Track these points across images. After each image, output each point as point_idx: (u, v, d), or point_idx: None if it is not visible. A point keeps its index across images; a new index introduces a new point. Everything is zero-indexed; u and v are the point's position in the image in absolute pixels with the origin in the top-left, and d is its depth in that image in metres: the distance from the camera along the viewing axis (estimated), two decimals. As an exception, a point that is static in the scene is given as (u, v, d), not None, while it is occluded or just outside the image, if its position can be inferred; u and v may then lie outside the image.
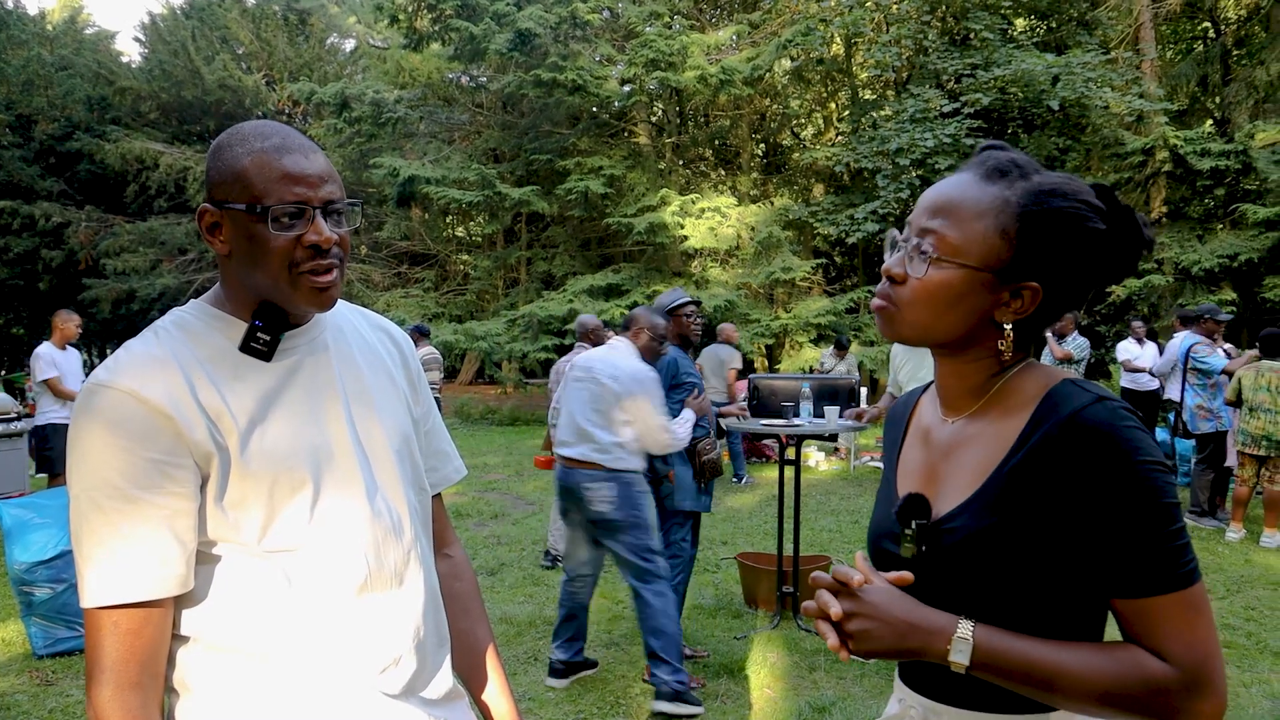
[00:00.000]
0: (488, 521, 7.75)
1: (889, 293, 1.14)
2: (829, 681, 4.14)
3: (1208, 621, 0.99)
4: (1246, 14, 17.41)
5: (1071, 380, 1.08)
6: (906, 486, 1.21)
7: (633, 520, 3.90)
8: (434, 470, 1.43)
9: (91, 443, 1.06)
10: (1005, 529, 1.04)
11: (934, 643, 1.02)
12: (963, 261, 1.08)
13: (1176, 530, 0.98)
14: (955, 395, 1.18)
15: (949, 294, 1.09)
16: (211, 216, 1.15)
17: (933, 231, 1.10)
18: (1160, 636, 0.98)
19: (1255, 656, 4.46)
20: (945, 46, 14.65)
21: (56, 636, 4.44)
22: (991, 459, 1.09)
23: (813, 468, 10.63)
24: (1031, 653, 1.00)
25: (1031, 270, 1.08)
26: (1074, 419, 1.01)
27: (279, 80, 23.45)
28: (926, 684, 1.16)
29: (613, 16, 17.57)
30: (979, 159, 1.14)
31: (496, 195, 16.13)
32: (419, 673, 1.24)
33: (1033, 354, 1.17)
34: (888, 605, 1.04)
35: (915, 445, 1.25)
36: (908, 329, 1.13)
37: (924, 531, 1.11)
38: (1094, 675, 0.98)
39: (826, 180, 17.88)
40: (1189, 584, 0.98)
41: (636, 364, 3.99)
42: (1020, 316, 1.10)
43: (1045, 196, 1.07)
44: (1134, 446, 0.98)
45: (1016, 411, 1.10)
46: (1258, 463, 6.70)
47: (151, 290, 20.27)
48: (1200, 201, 14.03)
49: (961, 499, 1.11)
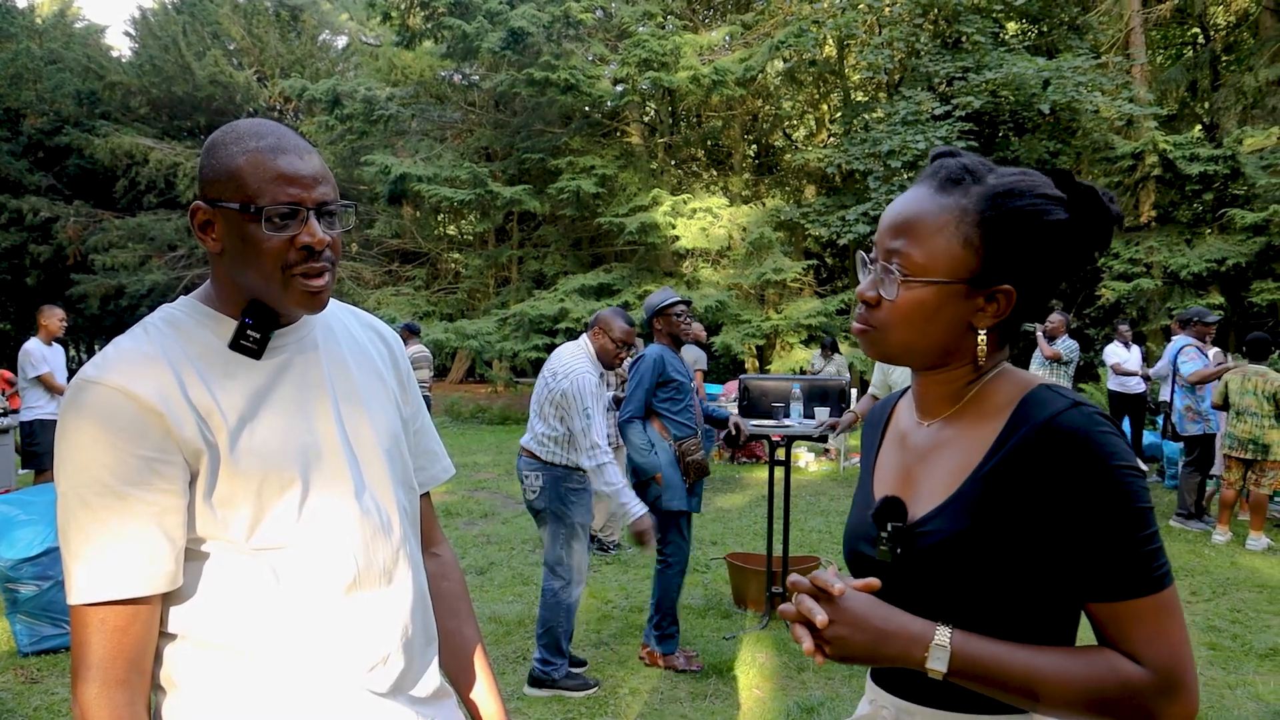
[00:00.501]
0: (477, 520, 7.74)
1: (867, 316, 1.15)
2: (817, 682, 4.15)
3: (1180, 624, 1.00)
4: (1236, 20, 17.52)
5: (1047, 385, 1.09)
6: (883, 490, 1.21)
7: (555, 512, 4.02)
8: (422, 469, 1.43)
9: (80, 439, 1.05)
10: (980, 533, 1.05)
11: (911, 650, 1.03)
12: (932, 278, 1.09)
13: (1150, 535, 0.99)
14: (932, 400, 1.19)
15: (925, 311, 1.10)
16: (204, 214, 1.15)
17: (898, 252, 1.10)
18: (1134, 640, 0.99)
19: (1240, 659, 4.49)
20: (937, 49, 14.69)
21: (41, 634, 4.42)
22: (967, 463, 1.10)
23: (803, 468, 10.65)
24: (1007, 658, 1.01)
25: (1002, 273, 1.09)
26: (1049, 424, 1.02)
27: (270, 77, 23.35)
28: (898, 684, 1.16)
29: (606, 16, 17.57)
30: (932, 170, 1.15)
31: (488, 194, 16.10)
32: (407, 671, 1.24)
33: (1018, 351, 1.18)
34: (865, 613, 1.05)
35: (892, 449, 1.26)
36: (891, 349, 1.14)
37: (899, 534, 1.12)
38: (1069, 679, 0.99)
39: (818, 181, 17.92)
40: (1161, 588, 0.99)
41: (582, 365, 4.03)
42: (998, 320, 1.11)
43: (1002, 199, 1.08)
44: (1109, 452, 0.99)
45: (992, 416, 1.10)
46: (1244, 466, 6.75)
47: (140, 286, 20.16)
48: (1189, 206, 14.10)
49: (937, 503, 1.11)
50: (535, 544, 6.83)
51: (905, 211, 1.12)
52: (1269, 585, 5.73)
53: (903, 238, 1.11)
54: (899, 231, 1.11)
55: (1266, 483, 6.63)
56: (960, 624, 1.05)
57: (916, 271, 1.09)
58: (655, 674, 4.27)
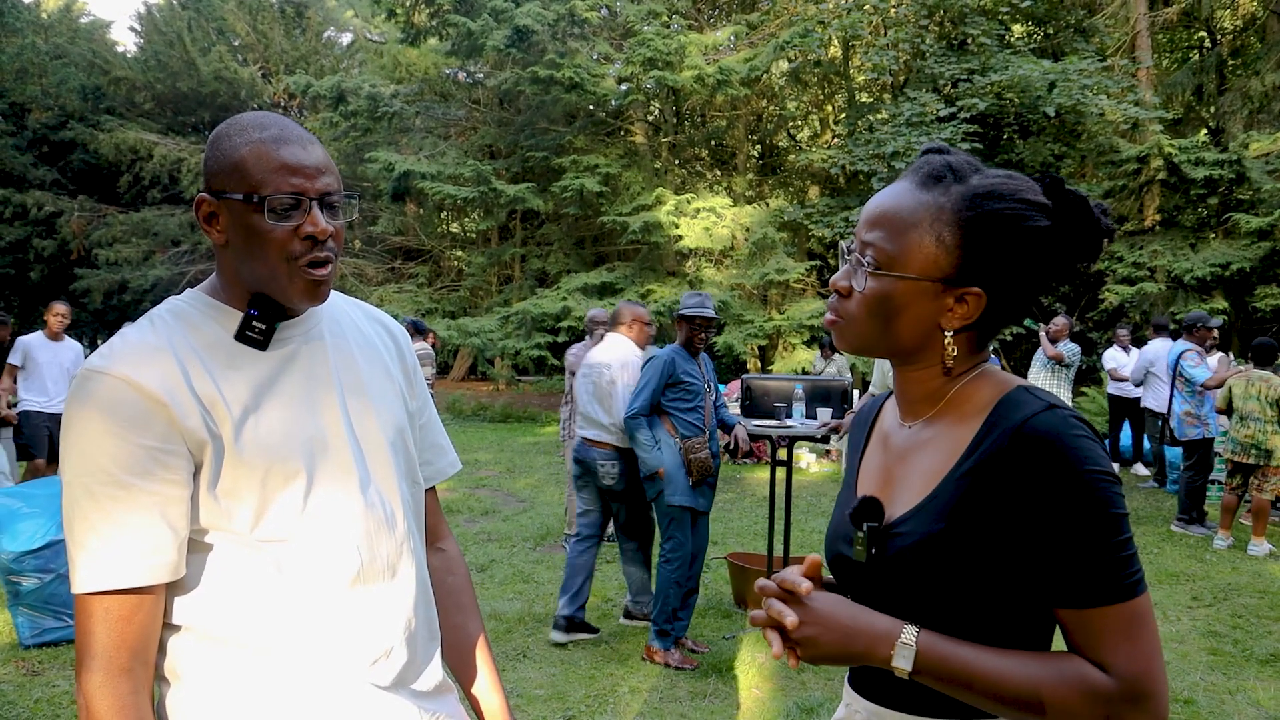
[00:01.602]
0: (478, 518, 7.74)
1: (837, 306, 1.15)
2: (817, 682, 4.15)
3: (1151, 634, 0.98)
4: (1243, 25, 17.48)
5: (1025, 387, 1.08)
6: (864, 490, 1.21)
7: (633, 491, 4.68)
8: (428, 464, 1.43)
9: (85, 429, 1.06)
10: (953, 535, 1.04)
11: (877, 648, 1.02)
12: (901, 273, 1.08)
13: (1121, 541, 0.98)
14: (912, 400, 1.18)
15: (890, 305, 1.09)
16: (209, 206, 1.16)
17: (871, 244, 1.10)
18: (1102, 648, 0.98)
19: (1241, 664, 4.48)
20: (942, 51, 14.66)
21: (43, 626, 4.42)
22: (943, 465, 1.09)
23: (804, 469, 10.65)
24: (973, 660, 1.00)
25: (974, 275, 1.08)
26: (1023, 427, 1.01)
27: (275, 73, 23.36)
28: (873, 689, 1.16)
29: (611, 15, 17.55)
30: (916, 165, 1.14)
31: (492, 192, 16.10)
32: (409, 665, 1.24)
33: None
34: (832, 611, 1.04)
35: (876, 449, 1.25)
36: (857, 340, 1.14)
37: (875, 535, 1.11)
38: (1035, 684, 0.98)
39: (822, 182, 17.88)
40: (1132, 595, 0.97)
41: (627, 351, 4.81)
42: (966, 322, 1.10)
43: (981, 200, 1.07)
44: (1082, 456, 0.98)
45: (970, 418, 1.09)
46: (1246, 471, 6.74)
47: (144, 281, 20.18)
48: (1194, 210, 14.06)
49: (913, 504, 1.10)
50: (536, 541, 6.83)
51: (883, 204, 1.11)
52: (1270, 591, 5.72)
53: (878, 230, 1.10)
54: (875, 223, 1.11)
55: (1269, 488, 6.61)
56: (933, 626, 1.04)
57: (887, 265, 1.08)
58: (655, 672, 4.27)
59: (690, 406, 4.43)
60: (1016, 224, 1.06)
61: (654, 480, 4.37)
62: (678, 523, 4.39)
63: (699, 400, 4.47)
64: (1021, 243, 1.06)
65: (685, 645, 4.54)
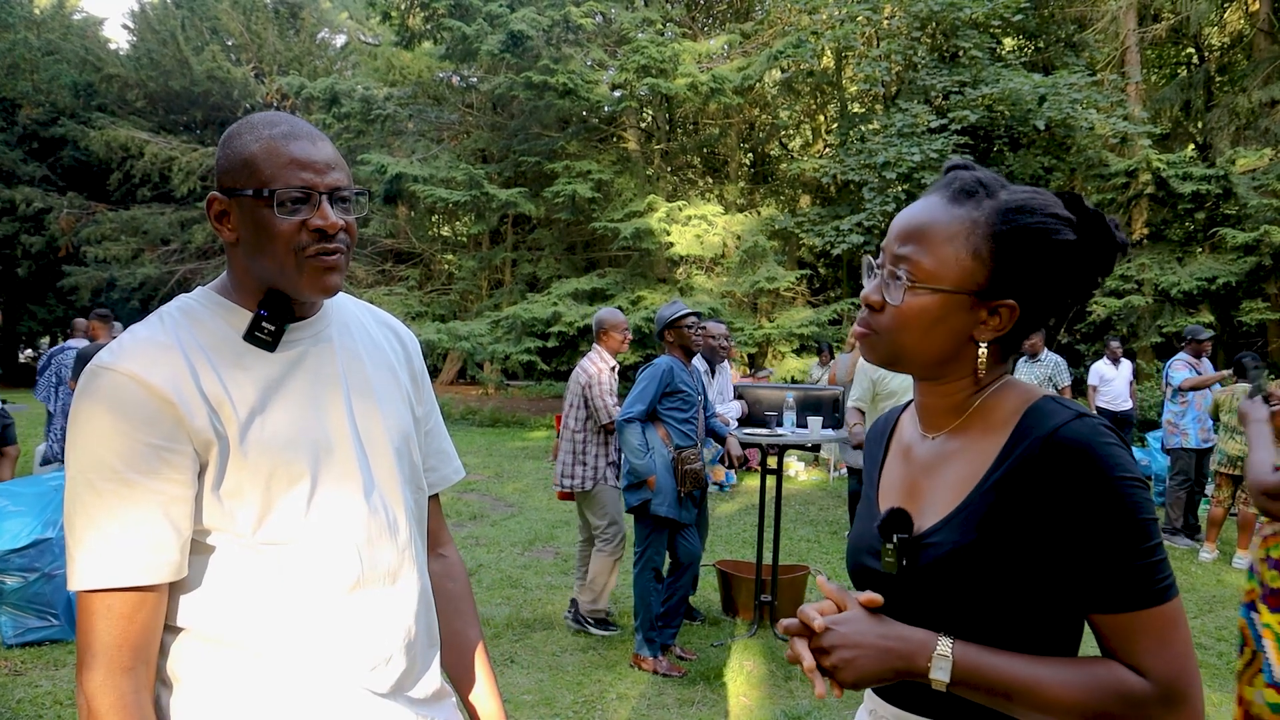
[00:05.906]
0: (466, 523, 7.73)
1: (869, 320, 1.16)
2: (805, 690, 4.15)
3: (1184, 637, 1.00)
4: (1230, 41, 17.66)
5: (1052, 397, 1.10)
6: (888, 502, 1.21)
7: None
8: (433, 470, 1.43)
9: (90, 424, 1.05)
10: (986, 544, 1.05)
11: (915, 661, 1.03)
12: (938, 286, 1.09)
13: (1154, 546, 0.99)
14: (936, 412, 1.19)
15: (928, 318, 1.10)
16: (220, 204, 1.16)
17: (906, 259, 1.11)
18: (1137, 652, 0.99)
19: (1226, 676, 4.51)
20: (934, 63, 14.75)
21: (27, 626, 4.39)
22: (973, 475, 1.10)
23: (793, 477, 10.66)
24: (1010, 669, 1.01)
25: (1007, 288, 1.10)
26: (1054, 436, 1.02)
27: (268, 73, 23.29)
28: (898, 693, 1.16)
29: (605, 22, 17.57)
30: (945, 180, 1.15)
31: (484, 196, 16.09)
32: (408, 672, 1.24)
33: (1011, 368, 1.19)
34: (863, 631, 1.05)
35: (896, 462, 1.26)
36: (889, 353, 1.15)
37: (905, 546, 1.12)
38: (1072, 690, 0.99)
39: (813, 191, 17.96)
40: (1166, 599, 0.99)
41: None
42: (999, 334, 1.12)
43: (1013, 214, 1.09)
44: (1113, 464, 1.00)
45: (997, 428, 1.11)
46: (1233, 483, 6.79)
47: (132, 279, 20.07)
48: (1181, 224, 14.19)
49: (942, 515, 1.11)
50: (524, 546, 6.82)
51: (917, 219, 1.13)
52: (1254, 603, 5.75)
53: (913, 244, 1.11)
54: (909, 238, 1.12)
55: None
56: (965, 635, 1.05)
57: (924, 278, 1.10)
58: (644, 679, 4.26)
59: (686, 416, 4.45)
60: (1046, 237, 1.08)
61: (640, 488, 4.36)
62: (656, 533, 4.39)
63: (694, 411, 4.48)
64: (1051, 255, 1.08)
65: (673, 652, 4.53)
